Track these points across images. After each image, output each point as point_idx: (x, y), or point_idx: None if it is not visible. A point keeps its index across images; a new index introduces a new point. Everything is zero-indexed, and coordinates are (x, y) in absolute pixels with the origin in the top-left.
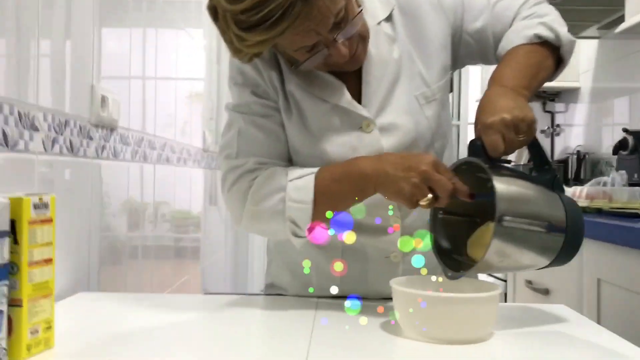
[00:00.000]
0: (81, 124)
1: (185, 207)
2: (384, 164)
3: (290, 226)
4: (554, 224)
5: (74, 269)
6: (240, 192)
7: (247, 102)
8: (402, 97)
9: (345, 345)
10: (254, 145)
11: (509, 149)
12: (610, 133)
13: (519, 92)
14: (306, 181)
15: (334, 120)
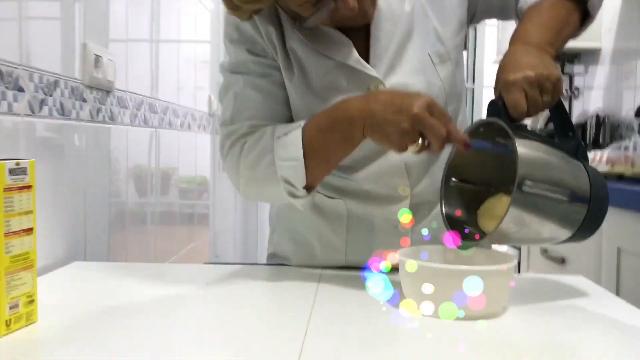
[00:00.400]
0: (73, 85)
1: (192, 173)
2: (372, 104)
3: (285, 187)
4: (577, 193)
5: (68, 238)
6: (234, 158)
7: (244, 61)
8: (414, 55)
9: (346, 320)
10: (249, 108)
11: (531, 110)
12: (632, 96)
13: (543, 49)
14: (293, 136)
15: (340, 79)
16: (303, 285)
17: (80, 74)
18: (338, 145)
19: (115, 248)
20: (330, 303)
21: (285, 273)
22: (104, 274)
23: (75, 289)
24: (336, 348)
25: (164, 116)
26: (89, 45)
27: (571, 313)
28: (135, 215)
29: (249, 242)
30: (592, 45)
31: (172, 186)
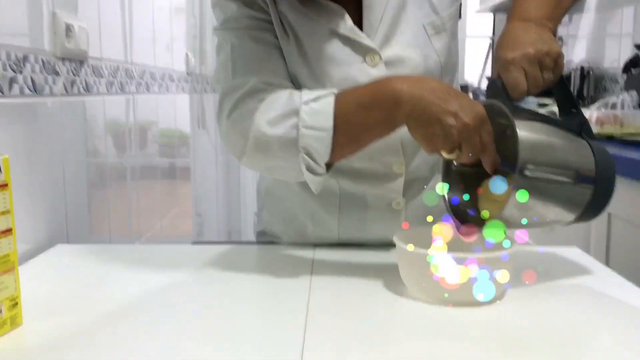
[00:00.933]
0: (44, 58)
1: (172, 127)
2: (425, 93)
3: (304, 159)
4: (582, 174)
5: (49, 220)
6: (243, 118)
7: (239, 15)
8: (409, 26)
9: (345, 309)
10: (253, 61)
11: (532, 88)
12: (616, 45)
13: (542, 24)
14: (324, 104)
15: (335, 49)
16: (297, 267)
17: (51, 46)
18: (375, 126)
19: (97, 209)
20: (326, 286)
21: (277, 253)
22: (89, 260)
23: (60, 280)
24: (338, 341)
25: (141, 80)
26: (59, 14)
27: (569, 292)
28: (115, 174)
29: (232, 201)
30: None
31: (155, 141)
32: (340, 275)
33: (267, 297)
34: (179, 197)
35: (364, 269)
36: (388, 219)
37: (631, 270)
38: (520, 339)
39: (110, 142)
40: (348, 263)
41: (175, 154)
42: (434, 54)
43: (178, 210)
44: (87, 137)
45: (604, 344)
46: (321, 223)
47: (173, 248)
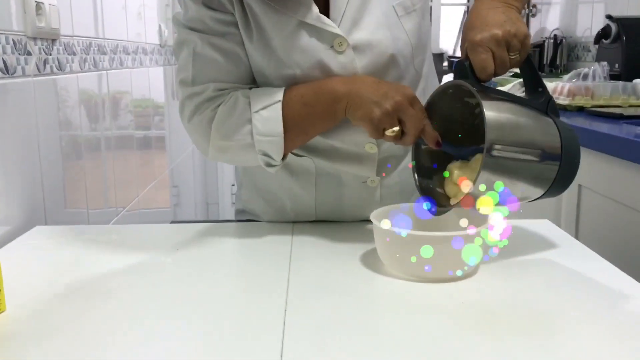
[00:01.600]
0: (15, 38)
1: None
2: (359, 85)
3: (262, 158)
4: (548, 152)
5: (26, 200)
6: (203, 124)
7: (201, 16)
8: (378, 7)
9: (324, 283)
10: (211, 69)
11: (499, 69)
12: (588, 14)
13: (509, 4)
14: (273, 111)
15: (301, 39)
16: (277, 245)
17: (22, 26)
18: (319, 120)
19: (72, 183)
20: (306, 264)
21: (256, 231)
22: (68, 243)
23: (40, 264)
24: (318, 318)
25: (114, 56)
26: None
27: (539, 266)
28: (90, 146)
29: (209, 172)
30: None
31: (126, 111)
32: (319, 252)
33: (247, 275)
34: (154, 168)
35: (342, 246)
36: (364, 196)
37: (599, 239)
38: (491, 313)
39: (84, 114)
40: (326, 240)
41: (150, 124)
42: (404, 35)
43: (155, 183)
44: (59, 109)
45: (569, 318)
46: (299, 201)
47: (152, 228)
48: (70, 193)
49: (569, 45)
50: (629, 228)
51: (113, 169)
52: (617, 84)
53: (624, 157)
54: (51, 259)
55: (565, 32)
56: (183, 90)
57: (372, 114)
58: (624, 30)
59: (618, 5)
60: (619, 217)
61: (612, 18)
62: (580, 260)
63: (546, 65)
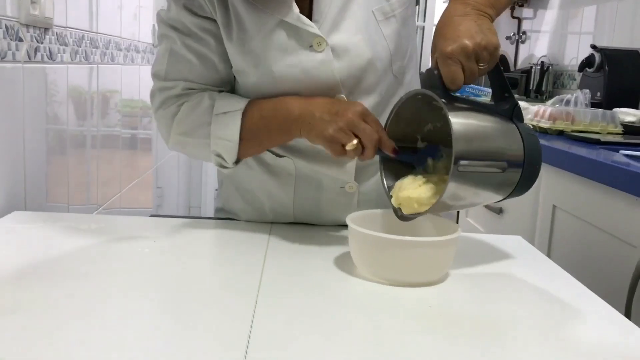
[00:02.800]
0: (7, 24)
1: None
2: (313, 107)
3: (216, 159)
4: (511, 160)
5: (7, 186)
6: (167, 117)
7: (181, 18)
8: (359, 11)
9: (296, 282)
10: (184, 68)
11: (468, 80)
12: (575, 44)
13: (482, 12)
14: (232, 118)
15: (281, 38)
16: (253, 242)
17: (16, 12)
18: (274, 134)
19: (55, 177)
20: (280, 262)
21: (234, 229)
22: (46, 228)
23: (16, 247)
24: (286, 314)
25: (106, 50)
26: None
27: (509, 280)
28: (75, 142)
29: (193, 176)
30: None
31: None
32: (294, 252)
33: (221, 269)
34: (139, 169)
35: (318, 248)
36: (341, 201)
37: (572, 259)
38: (452, 319)
39: (72, 110)
40: (302, 241)
41: (137, 124)
42: (382, 39)
43: (138, 182)
44: (47, 103)
45: (524, 329)
46: (277, 201)
47: (131, 219)
48: (52, 186)
49: (555, 73)
50: (600, 250)
51: (97, 166)
52: (597, 111)
53: (599, 180)
54: (25, 241)
55: (552, 59)
56: (155, 82)
57: (325, 132)
58: (607, 61)
59: (605, 36)
60: (591, 238)
61: (596, 48)
62: (548, 276)
63: (532, 90)
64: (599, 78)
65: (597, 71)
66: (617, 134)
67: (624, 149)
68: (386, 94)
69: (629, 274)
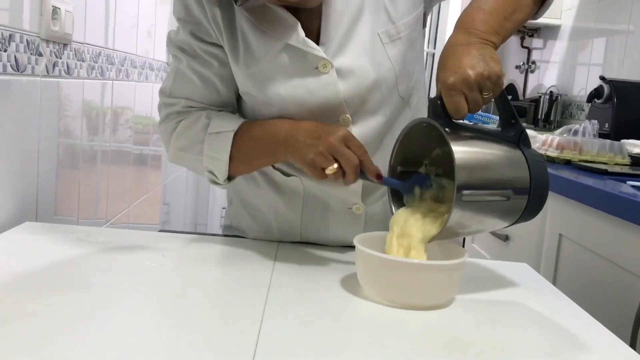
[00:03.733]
0: (29, 38)
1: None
2: (298, 130)
3: (208, 175)
4: (517, 187)
5: (20, 197)
6: (167, 131)
7: (188, 42)
8: (365, 34)
9: (302, 302)
10: (187, 87)
11: (473, 110)
12: (584, 75)
13: (486, 40)
14: (224, 138)
15: (287, 60)
16: (260, 260)
17: (37, 27)
18: (261, 156)
19: (64, 190)
20: (286, 281)
21: (242, 246)
22: (56, 240)
23: (25, 257)
24: (291, 332)
25: (121, 67)
26: None
27: (514, 308)
28: (85, 157)
29: (201, 194)
30: (552, 22)
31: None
32: (300, 271)
33: (227, 286)
34: (148, 185)
35: (324, 267)
36: (349, 222)
37: (577, 288)
38: (456, 345)
39: (85, 124)
40: (309, 260)
41: (148, 141)
42: (387, 61)
43: (146, 198)
44: (63, 117)
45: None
46: (284, 220)
47: (140, 233)
48: (63, 198)
49: (563, 103)
50: (605, 279)
51: (107, 181)
52: (604, 142)
53: (605, 210)
54: (35, 251)
55: (561, 89)
56: (160, 97)
57: (306, 156)
58: (615, 92)
59: (614, 68)
60: (596, 267)
61: (605, 79)
62: (553, 304)
63: (540, 119)
64: (608, 109)
65: (605, 102)
66: (625, 165)
67: (631, 179)
68: (392, 115)
69: (634, 304)
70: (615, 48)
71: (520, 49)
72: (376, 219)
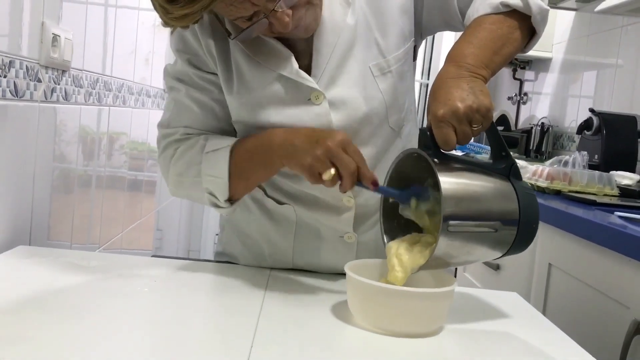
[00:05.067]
0: (28, 65)
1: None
2: (294, 136)
3: (209, 197)
4: (506, 219)
5: (14, 221)
6: (166, 160)
7: (186, 71)
8: (356, 67)
9: (293, 329)
10: (186, 116)
11: (462, 142)
12: (575, 106)
13: (476, 74)
14: (221, 155)
15: (280, 91)
16: (252, 286)
17: (37, 54)
18: (258, 168)
19: (57, 215)
20: (277, 307)
21: (233, 272)
22: (47, 263)
23: (17, 281)
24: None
25: (118, 94)
26: (47, 24)
27: (503, 337)
28: (80, 182)
29: (194, 220)
30: (543, 55)
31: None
32: (291, 298)
33: (218, 312)
34: (142, 210)
35: (315, 295)
36: (340, 251)
37: (566, 317)
38: None
39: (81, 149)
40: (300, 288)
41: (143, 167)
42: (378, 93)
43: (140, 223)
44: (55, 143)
45: None
46: (276, 248)
47: (132, 258)
48: (56, 223)
49: (555, 134)
50: (594, 309)
51: (101, 206)
52: (594, 173)
53: (594, 240)
54: (27, 275)
55: (552, 121)
56: (159, 130)
57: (303, 161)
58: (604, 125)
59: (604, 101)
60: (585, 297)
61: (594, 112)
62: (542, 332)
63: (532, 150)
64: (597, 141)
65: (595, 134)
66: (613, 196)
67: (619, 210)
68: (383, 146)
69: (622, 334)
70: (605, 81)
71: (512, 81)
72: (368, 247)
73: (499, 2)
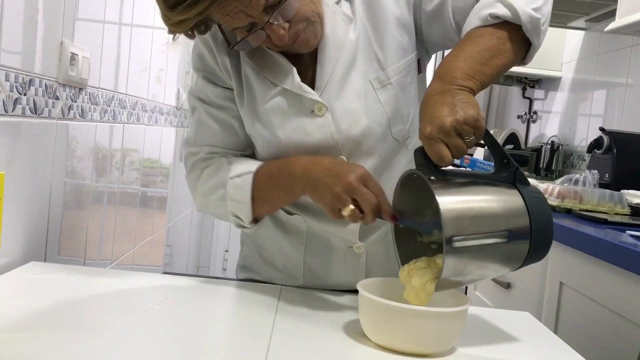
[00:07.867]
0: (47, 83)
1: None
2: (316, 167)
3: (234, 219)
4: (516, 227)
5: (29, 236)
6: (193, 180)
7: (204, 89)
8: (358, 80)
9: (305, 348)
10: (208, 134)
11: (457, 155)
12: (585, 125)
13: (460, 86)
14: (244, 181)
15: (284, 104)
16: (263, 306)
17: (55, 72)
18: (280, 194)
19: (69, 230)
20: (289, 327)
21: (245, 290)
22: (59, 278)
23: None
24: None
25: (132, 111)
26: (66, 43)
27: (514, 354)
28: (92, 198)
29: (204, 237)
30: (553, 74)
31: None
32: (303, 316)
33: (229, 332)
34: (153, 227)
35: (326, 312)
36: (350, 262)
37: (578, 336)
38: None
39: (96, 166)
40: (311, 306)
41: (155, 183)
42: (379, 105)
43: (151, 239)
44: (73, 159)
45: None
46: (289, 258)
47: (145, 275)
48: (69, 238)
49: (565, 153)
50: (606, 328)
51: (114, 222)
52: (604, 192)
53: (605, 259)
54: (39, 291)
55: (562, 139)
56: (185, 147)
57: (325, 198)
58: (615, 143)
59: (615, 119)
60: (597, 316)
61: (604, 130)
62: (554, 352)
63: (542, 169)
64: (608, 160)
65: (605, 153)
66: (625, 215)
67: (630, 229)
68: (387, 157)
69: (635, 353)
70: (615, 100)
71: (522, 99)
72: (377, 259)
73: (487, 14)
